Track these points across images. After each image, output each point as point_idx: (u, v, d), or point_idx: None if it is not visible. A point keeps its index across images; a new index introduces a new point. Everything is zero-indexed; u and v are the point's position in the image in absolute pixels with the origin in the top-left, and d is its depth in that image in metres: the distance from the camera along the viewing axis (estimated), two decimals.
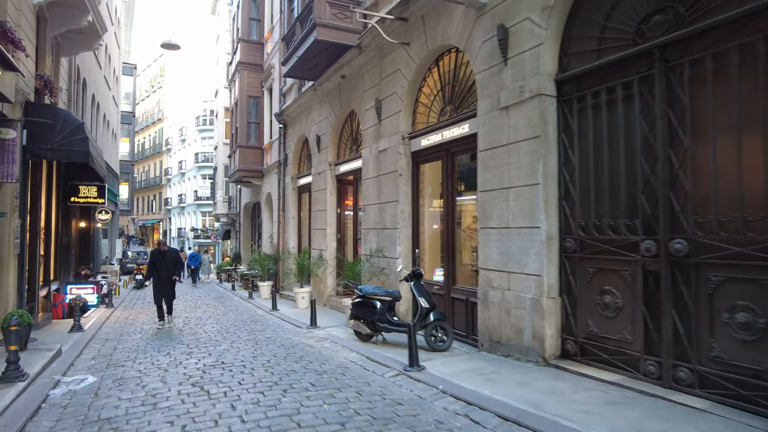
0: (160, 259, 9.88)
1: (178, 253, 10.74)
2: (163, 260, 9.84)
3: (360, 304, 7.42)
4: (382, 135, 9.15)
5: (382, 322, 7.11)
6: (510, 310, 5.99)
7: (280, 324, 9.69)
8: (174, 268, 10.06)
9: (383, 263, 8.94)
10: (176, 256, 10.37)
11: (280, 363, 6.17)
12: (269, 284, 15.07)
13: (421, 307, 6.79)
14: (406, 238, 8.56)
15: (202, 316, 10.94)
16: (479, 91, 6.68)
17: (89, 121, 16.34)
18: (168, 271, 9.81)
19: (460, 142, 7.36)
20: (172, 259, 10.06)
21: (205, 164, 39.91)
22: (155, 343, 7.68)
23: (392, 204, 8.73)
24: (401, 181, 8.56)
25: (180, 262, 10.47)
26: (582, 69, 5.47)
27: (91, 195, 13.20)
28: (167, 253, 10.05)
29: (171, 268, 9.92)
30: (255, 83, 19.08)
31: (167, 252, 10.09)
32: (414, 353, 5.64)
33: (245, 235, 23.45)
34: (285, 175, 15.62)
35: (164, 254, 9.96)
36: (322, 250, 12.28)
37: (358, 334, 7.53)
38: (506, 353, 6.05)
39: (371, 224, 9.57)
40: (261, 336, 8.22)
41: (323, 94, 12.26)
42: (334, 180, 12.13)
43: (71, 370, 6.01)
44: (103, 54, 19.46)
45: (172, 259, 10.01)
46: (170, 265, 9.91)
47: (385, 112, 9.09)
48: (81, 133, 9.36)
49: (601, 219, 5.27)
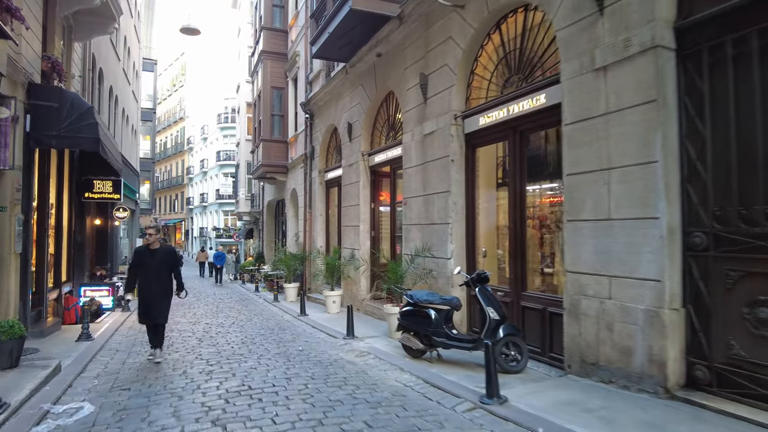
0: (148, 259, 6.56)
1: (175, 252, 7.12)
2: (152, 262, 6.54)
3: (410, 313, 6.19)
4: (429, 116, 7.91)
5: (439, 335, 5.87)
6: (612, 324, 4.69)
7: (311, 333, 8.53)
8: (169, 274, 6.68)
9: (430, 264, 7.70)
10: (171, 255, 6.85)
11: (321, 388, 4.97)
12: (295, 286, 13.97)
13: (490, 319, 5.52)
14: (459, 235, 7.30)
15: (224, 322, 9.86)
16: (562, 52, 5.39)
17: (106, 114, 15.50)
18: (159, 279, 6.52)
19: (533, 117, 6.06)
20: (167, 260, 6.65)
21: (227, 162, 39.24)
22: (170, 358, 6.58)
23: (442, 195, 7.48)
24: (453, 168, 7.30)
25: (179, 265, 6.97)
26: (716, 10, 4.14)
27: (106, 190, 12.29)
28: (159, 251, 6.68)
29: (164, 273, 6.58)
30: (279, 73, 18.04)
31: (159, 250, 6.71)
32: (494, 381, 4.38)
33: (268, 234, 22.47)
34: (312, 169, 14.51)
35: (154, 253, 6.61)
36: (354, 249, 11.10)
37: (407, 348, 6.30)
38: (607, 378, 4.74)
39: (414, 219, 8.34)
40: (292, 348, 7.06)
41: (355, 76, 11.07)
42: (367, 171, 10.93)
43: (67, 395, 4.93)
44: (121, 46, 18.69)
45: (165, 261, 6.62)
46: (163, 269, 6.57)
47: (432, 89, 7.85)
48: (90, 118, 8.36)
49: (750, 206, 3.94)
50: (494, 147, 7.28)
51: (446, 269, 7.31)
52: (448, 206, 7.31)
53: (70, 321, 9.87)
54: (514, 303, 6.33)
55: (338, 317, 10.17)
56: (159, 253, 6.67)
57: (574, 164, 5.17)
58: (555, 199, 6.17)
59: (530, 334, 6.01)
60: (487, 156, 7.37)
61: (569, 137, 5.23)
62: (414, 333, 6.16)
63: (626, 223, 4.59)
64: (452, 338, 5.81)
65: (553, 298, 5.83)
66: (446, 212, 7.35)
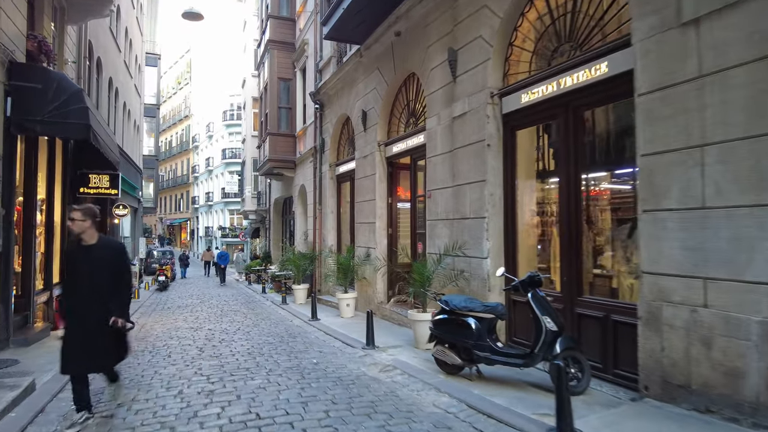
0: (81, 262, 3.93)
1: (123, 251, 4.21)
2: (85, 266, 3.91)
3: (445, 322, 5.27)
4: (459, 96, 6.98)
5: (482, 349, 4.94)
6: (711, 338, 3.74)
7: (325, 341, 7.62)
8: (116, 285, 3.99)
9: (461, 264, 6.77)
10: (118, 254, 4.11)
11: (346, 418, 4.05)
12: (305, 287, 13.08)
13: (546, 330, 4.59)
14: (496, 231, 6.37)
15: (228, 328, 8.98)
16: (634, 8, 4.44)
17: (105, 106, 14.69)
18: (97, 293, 3.89)
19: (591, 90, 5.12)
20: (110, 261, 3.99)
21: (232, 160, 38.46)
22: (165, 372, 5.70)
23: (475, 186, 6.55)
24: (489, 154, 6.37)
25: (128, 272, 4.12)
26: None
27: (102, 185, 11.46)
28: (95, 248, 3.96)
29: (104, 283, 3.92)
30: (286, 63, 17.18)
31: (96, 246, 3.97)
32: (567, 413, 3.44)
33: (275, 233, 21.63)
34: (322, 163, 13.61)
35: (89, 252, 3.94)
36: (369, 248, 10.20)
37: (441, 363, 5.38)
38: (703, 407, 3.80)
39: (441, 214, 7.42)
40: (305, 361, 6.15)
41: (371, 60, 10.16)
42: (384, 163, 10.01)
43: (34, 425, 4.05)
44: (122, 37, 17.91)
45: (107, 263, 3.96)
46: (103, 277, 3.92)
47: (462, 66, 6.92)
48: (79, 101, 7.51)
49: None
50: (535, 130, 6.36)
51: (481, 270, 6.38)
52: (483, 198, 6.38)
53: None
54: (567, 309, 5.38)
55: (353, 322, 9.27)
56: (95, 251, 3.94)
57: (652, 142, 4.22)
58: (620, 186, 5.24)
59: (588, 346, 5.05)
60: (530, 138, 6.44)
61: (645, 110, 4.29)
62: (449, 345, 5.24)
63: (731, 212, 3.65)
64: (498, 353, 4.88)
65: (618, 305, 4.89)
66: (481, 205, 6.42)
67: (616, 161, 5.22)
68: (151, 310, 12.19)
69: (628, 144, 4.79)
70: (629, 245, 5.13)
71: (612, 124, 5.31)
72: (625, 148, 4.97)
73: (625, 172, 5.15)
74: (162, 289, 17.66)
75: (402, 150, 9.26)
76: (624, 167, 5.14)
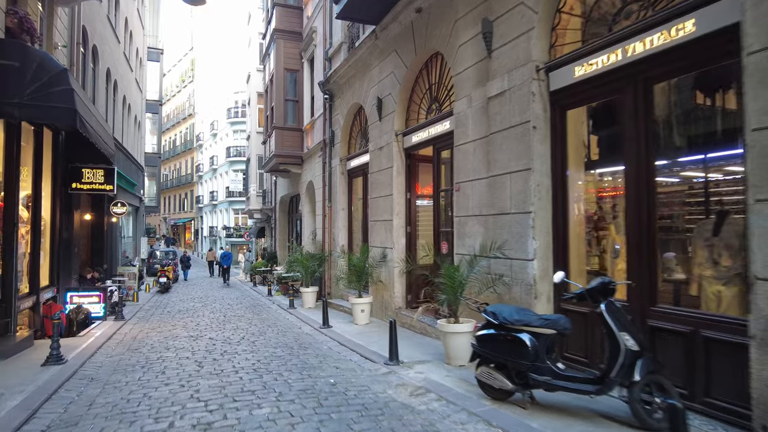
0: None
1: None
2: None
3: (492, 338, 4.35)
4: (496, 73, 6.06)
5: (540, 372, 4.03)
6: None
7: (340, 353, 6.73)
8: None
9: (499, 267, 5.86)
10: None
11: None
12: (314, 290, 12.20)
13: (626, 350, 3.67)
14: (544, 228, 5.44)
15: (231, 337, 8.10)
16: None
17: (103, 98, 13.85)
18: None
19: (670, 56, 4.19)
20: None
21: (237, 158, 37.65)
22: (156, 396, 4.81)
23: (518, 175, 5.63)
24: (535, 138, 5.45)
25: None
26: None
27: (96, 180, 10.59)
28: None
29: None
30: (293, 54, 16.31)
31: None
32: None
33: (281, 233, 20.76)
34: (331, 157, 12.72)
35: None
36: (385, 247, 9.30)
37: (486, 387, 4.47)
38: None
39: (473, 209, 6.51)
40: (321, 381, 5.25)
41: (387, 41, 9.26)
42: (402, 155, 9.11)
43: None
44: (121, 28, 17.10)
45: None
46: None
47: (499, 38, 6.01)
48: (63, 82, 6.66)
49: None
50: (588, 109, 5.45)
51: (525, 274, 5.46)
52: (528, 189, 5.46)
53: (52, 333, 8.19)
54: (637, 321, 4.45)
55: (369, 330, 8.38)
56: None
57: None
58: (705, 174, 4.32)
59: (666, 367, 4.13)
60: (579, 121, 5.52)
61: (759, 71, 3.37)
62: (496, 366, 4.34)
63: None
64: (562, 376, 3.97)
65: (711, 318, 3.96)
66: (526, 197, 5.50)
67: (702, 142, 4.31)
68: (150, 314, 11.34)
69: (722, 120, 3.89)
70: (716, 244, 4.21)
71: (696, 98, 4.39)
72: (716, 125, 4.06)
73: (718, 155, 4.23)
74: (163, 292, 16.85)
75: (423, 139, 8.36)
76: (715, 149, 4.23)
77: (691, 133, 4.54)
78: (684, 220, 4.61)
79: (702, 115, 4.41)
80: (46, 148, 9.02)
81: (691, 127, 4.55)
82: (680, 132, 4.59)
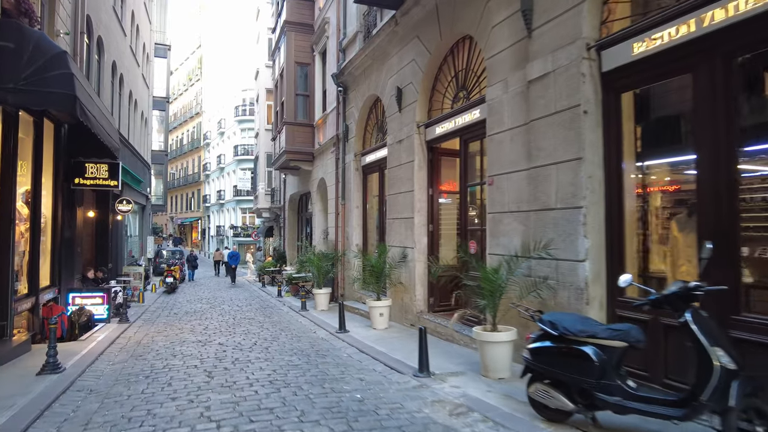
0: None
1: None
2: None
3: (548, 351, 3.76)
4: (538, 53, 5.47)
5: (609, 392, 3.43)
6: None
7: (361, 361, 6.16)
8: None
9: (543, 268, 5.26)
10: None
11: None
12: (326, 292, 11.65)
13: (721, 369, 3.07)
14: (596, 225, 4.84)
15: (243, 342, 7.55)
16: None
17: (108, 92, 13.37)
18: None
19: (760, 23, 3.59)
20: None
21: (245, 157, 37.21)
22: (161, 413, 4.26)
23: (565, 166, 5.03)
24: (586, 124, 4.85)
25: None
26: None
27: (101, 176, 10.10)
28: None
29: None
30: (304, 47, 15.78)
31: None
32: None
33: (290, 232, 20.24)
34: (345, 153, 12.16)
35: None
36: (405, 247, 8.72)
37: (539, 407, 3.88)
38: None
39: (510, 204, 5.92)
40: (346, 396, 4.68)
41: (408, 28, 8.68)
42: (423, 148, 8.52)
43: None
44: (128, 21, 16.66)
45: None
46: None
47: (541, 15, 5.41)
48: (62, 65, 6.14)
49: None
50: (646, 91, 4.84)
51: (575, 276, 4.86)
52: (578, 182, 4.86)
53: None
54: None
55: (389, 336, 7.82)
56: None
57: None
58: None
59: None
60: (636, 104, 4.91)
61: None
62: (552, 382, 3.75)
63: None
64: (635, 397, 3.37)
65: None
66: (575, 191, 4.90)
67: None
68: (156, 316, 10.83)
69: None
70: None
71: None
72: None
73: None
74: (170, 292, 16.37)
75: (448, 130, 7.77)
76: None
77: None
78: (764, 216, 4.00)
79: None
80: (47, 141, 8.50)
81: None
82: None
